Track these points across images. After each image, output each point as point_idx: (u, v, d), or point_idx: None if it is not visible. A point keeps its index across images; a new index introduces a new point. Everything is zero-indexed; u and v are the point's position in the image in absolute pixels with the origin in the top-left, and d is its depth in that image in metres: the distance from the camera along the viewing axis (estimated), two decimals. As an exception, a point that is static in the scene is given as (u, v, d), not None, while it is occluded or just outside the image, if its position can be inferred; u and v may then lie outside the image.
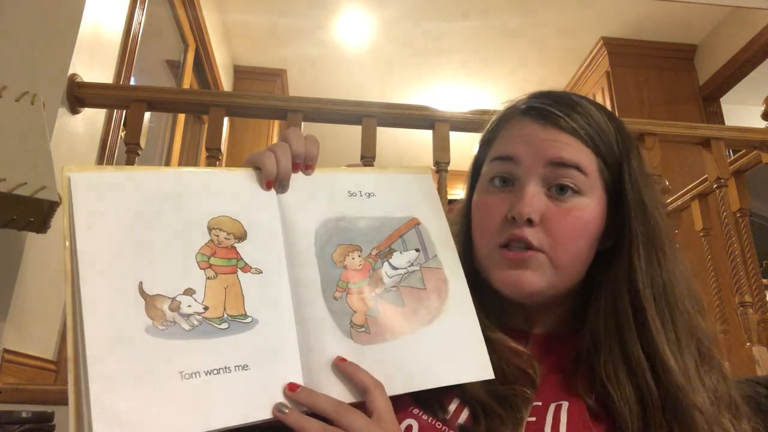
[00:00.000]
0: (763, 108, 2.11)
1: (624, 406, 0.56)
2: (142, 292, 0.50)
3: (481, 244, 0.65)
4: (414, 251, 0.62)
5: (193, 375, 0.49)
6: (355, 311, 0.57)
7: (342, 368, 0.53)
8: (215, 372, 0.50)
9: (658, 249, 0.61)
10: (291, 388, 0.51)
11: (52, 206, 1.35)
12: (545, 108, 0.63)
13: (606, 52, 3.61)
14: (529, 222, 0.60)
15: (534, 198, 0.61)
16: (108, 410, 0.44)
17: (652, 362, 0.57)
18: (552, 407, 0.58)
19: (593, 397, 0.58)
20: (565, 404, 0.58)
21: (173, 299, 0.51)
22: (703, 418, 0.53)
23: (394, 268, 0.61)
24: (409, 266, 0.62)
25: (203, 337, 0.51)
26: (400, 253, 0.62)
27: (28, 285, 1.57)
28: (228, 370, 0.50)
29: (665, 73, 3.60)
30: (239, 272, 0.55)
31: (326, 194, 0.63)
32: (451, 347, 0.59)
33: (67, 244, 0.50)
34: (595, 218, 0.62)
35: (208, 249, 0.54)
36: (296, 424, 0.49)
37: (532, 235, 0.60)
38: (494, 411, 0.56)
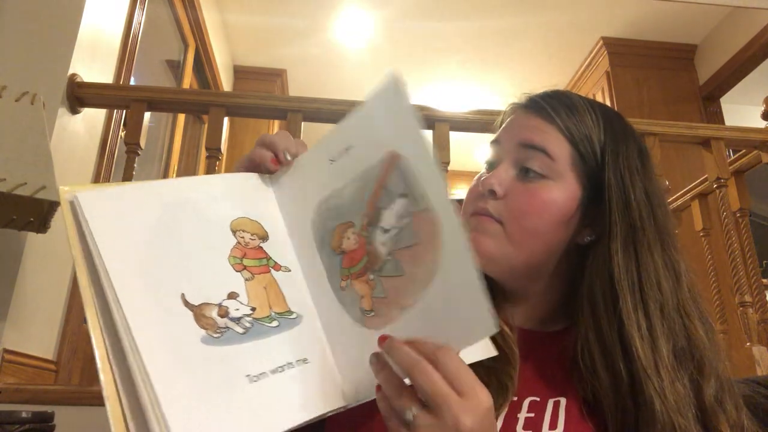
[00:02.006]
0: (763, 108, 2.11)
1: (604, 394, 0.57)
2: (187, 303, 0.49)
3: (463, 212, 0.70)
4: (400, 198, 0.52)
5: (261, 376, 0.48)
6: (362, 296, 0.54)
7: (385, 353, 0.48)
8: (280, 369, 0.49)
9: (637, 242, 0.61)
10: (382, 339, 0.48)
11: (52, 206, 1.35)
12: (534, 99, 0.70)
13: (606, 52, 3.61)
14: (493, 194, 0.65)
15: (502, 174, 0.66)
16: (189, 429, 0.43)
17: (623, 345, 0.57)
18: (550, 403, 0.60)
19: (587, 393, 0.59)
20: (563, 401, 0.60)
21: (219, 305, 0.50)
22: (664, 407, 0.54)
23: (386, 231, 0.54)
24: (400, 221, 0.53)
25: (259, 337, 0.50)
26: (387, 209, 0.53)
27: (28, 285, 1.57)
28: (291, 366, 0.50)
29: (665, 73, 3.60)
30: (272, 270, 0.55)
31: (312, 176, 0.59)
32: (450, 308, 0.49)
33: (81, 265, 0.48)
34: (558, 202, 0.63)
35: (238, 251, 0.54)
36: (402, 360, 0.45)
37: (493, 206, 0.65)
38: (480, 377, 0.57)
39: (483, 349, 0.55)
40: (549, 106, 0.67)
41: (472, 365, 0.49)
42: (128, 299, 0.46)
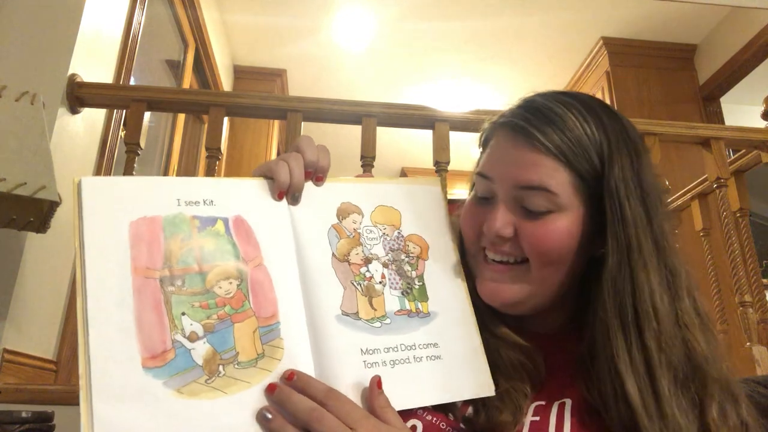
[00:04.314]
0: (763, 108, 2.11)
1: (611, 421, 0.56)
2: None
3: (467, 249, 0.68)
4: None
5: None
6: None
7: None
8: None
9: (633, 263, 0.58)
10: (270, 389, 0.51)
11: (52, 206, 1.35)
12: (519, 123, 0.63)
13: (606, 52, 3.61)
14: (502, 238, 0.62)
15: (504, 215, 0.62)
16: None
17: (620, 383, 0.56)
18: (555, 406, 0.59)
19: (593, 397, 0.58)
20: (568, 402, 0.59)
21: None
22: None
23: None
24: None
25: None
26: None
27: (28, 285, 1.57)
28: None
29: (665, 73, 3.60)
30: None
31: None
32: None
33: (78, 253, 0.50)
34: (570, 231, 0.61)
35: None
36: None
37: (511, 248, 0.63)
38: (492, 404, 0.58)
39: (482, 390, 0.59)
40: (537, 129, 0.61)
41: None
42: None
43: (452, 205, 0.73)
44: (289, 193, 0.59)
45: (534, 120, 0.62)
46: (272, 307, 0.54)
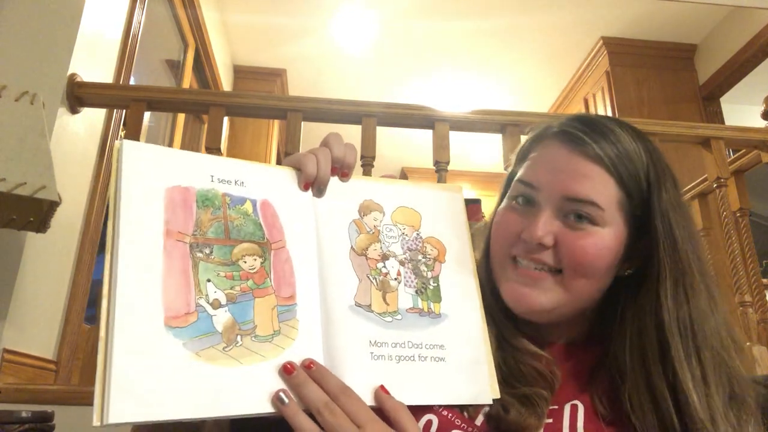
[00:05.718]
0: (763, 108, 2.11)
1: (649, 428, 0.56)
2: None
3: (495, 254, 0.68)
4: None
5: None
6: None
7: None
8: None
9: (687, 284, 0.60)
10: (288, 371, 0.51)
11: (52, 206, 1.35)
12: (575, 133, 0.64)
13: (606, 51, 3.61)
14: (542, 246, 0.63)
15: (547, 223, 0.63)
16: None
17: (675, 396, 0.56)
18: (567, 408, 0.60)
19: (606, 404, 0.59)
20: (580, 406, 0.60)
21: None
22: None
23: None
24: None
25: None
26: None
27: (28, 285, 1.57)
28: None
29: (665, 73, 3.60)
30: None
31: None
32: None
33: (112, 212, 0.51)
34: (610, 247, 0.62)
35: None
36: (292, 420, 0.49)
37: (548, 257, 0.63)
38: (515, 407, 0.58)
39: (480, 398, 0.59)
40: (593, 140, 0.62)
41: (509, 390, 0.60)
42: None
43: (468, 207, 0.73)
44: (314, 186, 0.61)
45: (589, 132, 0.63)
46: (291, 289, 0.56)
